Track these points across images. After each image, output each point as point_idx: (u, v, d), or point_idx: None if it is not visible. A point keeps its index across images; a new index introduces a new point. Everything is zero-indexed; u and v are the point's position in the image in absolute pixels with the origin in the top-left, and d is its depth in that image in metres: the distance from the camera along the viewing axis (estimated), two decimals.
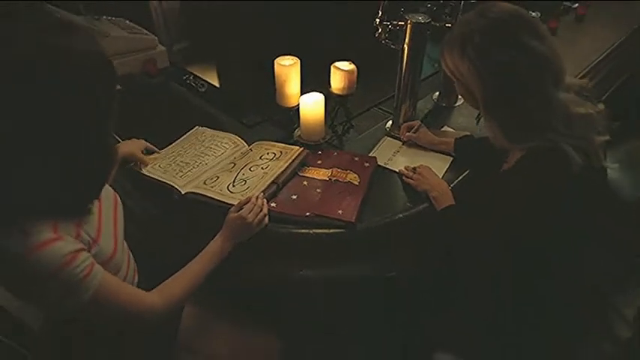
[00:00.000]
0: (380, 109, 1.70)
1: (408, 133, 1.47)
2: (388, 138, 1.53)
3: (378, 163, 1.39)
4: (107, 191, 1.03)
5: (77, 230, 0.83)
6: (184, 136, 1.50)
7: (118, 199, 1.07)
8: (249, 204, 1.15)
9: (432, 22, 1.36)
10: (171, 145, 1.46)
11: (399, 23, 1.37)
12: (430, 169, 1.31)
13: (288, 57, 1.40)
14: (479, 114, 1.08)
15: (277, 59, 1.39)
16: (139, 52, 1.85)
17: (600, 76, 2.01)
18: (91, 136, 0.79)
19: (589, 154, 0.97)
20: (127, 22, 1.92)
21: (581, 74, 1.88)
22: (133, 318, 0.93)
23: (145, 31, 1.90)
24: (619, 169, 2.01)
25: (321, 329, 1.32)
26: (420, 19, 1.34)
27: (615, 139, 2.20)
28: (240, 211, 1.13)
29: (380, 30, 1.41)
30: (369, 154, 1.44)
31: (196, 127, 1.54)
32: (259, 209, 1.15)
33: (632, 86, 2.25)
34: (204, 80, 1.83)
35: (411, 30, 1.35)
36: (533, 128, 0.97)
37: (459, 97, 1.71)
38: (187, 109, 1.69)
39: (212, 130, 1.53)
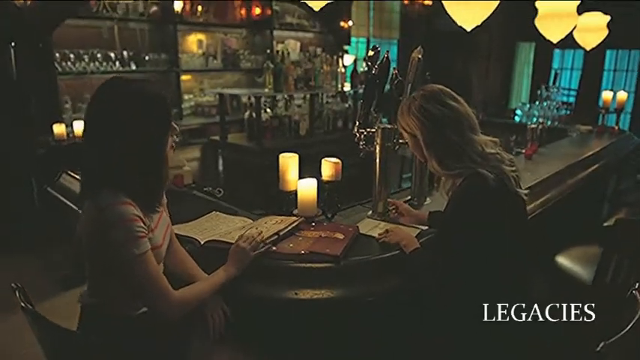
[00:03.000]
0: (362, 205, 2.09)
1: (396, 201, 1.87)
2: (368, 219, 1.88)
3: (360, 232, 1.72)
4: (166, 217, 1.39)
5: (143, 215, 1.19)
6: (202, 217, 1.87)
7: (171, 227, 1.41)
8: (244, 235, 1.47)
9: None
10: (190, 222, 1.81)
11: (372, 130, 1.87)
12: (399, 227, 1.65)
13: (290, 153, 1.85)
14: (425, 161, 1.50)
15: (281, 154, 1.84)
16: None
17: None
18: (154, 148, 1.20)
19: (503, 179, 1.36)
20: None
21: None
22: (156, 297, 1.20)
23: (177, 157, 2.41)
24: (577, 264, 2.40)
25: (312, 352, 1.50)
26: (388, 125, 1.84)
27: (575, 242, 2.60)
28: (238, 242, 1.45)
29: (358, 135, 1.89)
30: None
31: (213, 211, 1.91)
32: (253, 239, 1.46)
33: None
34: (220, 188, 2.26)
35: (381, 134, 1.83)
36: (458, 159, 1.39)
37: (427, 197, 2.13)
38: (206, 205, 2.08)
39: (226, 215, 1.89)
